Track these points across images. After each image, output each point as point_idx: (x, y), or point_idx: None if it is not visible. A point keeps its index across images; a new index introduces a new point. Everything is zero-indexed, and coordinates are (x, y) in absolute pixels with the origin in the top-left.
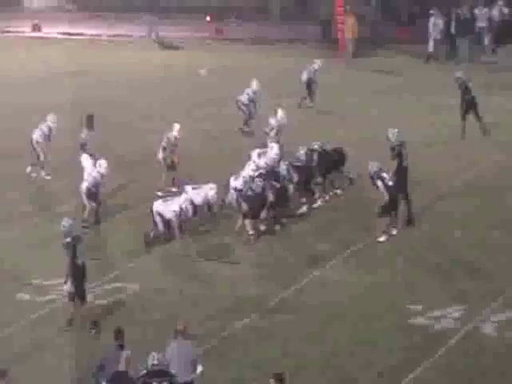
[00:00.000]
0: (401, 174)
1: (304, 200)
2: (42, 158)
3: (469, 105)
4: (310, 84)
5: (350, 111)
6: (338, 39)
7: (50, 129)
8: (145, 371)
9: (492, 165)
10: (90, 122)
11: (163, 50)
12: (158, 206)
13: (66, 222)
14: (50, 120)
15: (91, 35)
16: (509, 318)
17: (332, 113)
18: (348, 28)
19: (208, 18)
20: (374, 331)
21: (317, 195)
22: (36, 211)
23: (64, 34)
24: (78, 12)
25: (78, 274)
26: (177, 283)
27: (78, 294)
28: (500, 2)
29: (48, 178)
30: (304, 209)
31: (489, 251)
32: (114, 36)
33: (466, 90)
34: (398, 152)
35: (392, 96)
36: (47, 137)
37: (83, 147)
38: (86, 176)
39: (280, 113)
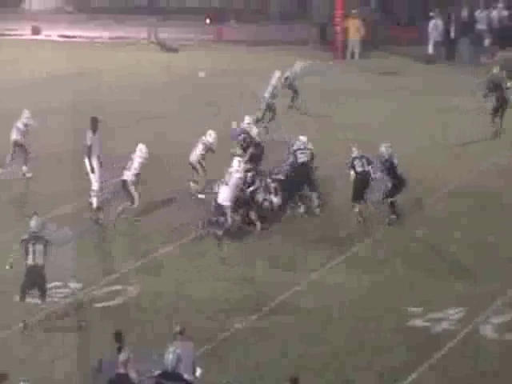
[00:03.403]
0: (396, 182)
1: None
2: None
3: (501, 103)
4: (292, 85)
5: (349, 112)
6: (337, 41)
7: (25, 125)
8: (159, 371)
9: (492, 166)
10: (94, 124)
11: (163, 51)
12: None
13: (33, 220)
14: (25, 116)
15: (91, 37)
16: (508, 319)
17: (331, 114)
18: (354, 30)
19: (208, 21)
20: (374, 333)
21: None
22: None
23: (64, 36)
24: (78, 14)
25: (27, 274)
26: (176, 285)
27: (20, 295)
28: (500, 5)
29: (29, 175)
30: (302, 209)
31: (488, 252)
32: (113, 38)
33: (497, 87)
34: (387, 168)
35: (392, 97)
36: (23, 133)
37: (88, 150)
38: (94, 178)
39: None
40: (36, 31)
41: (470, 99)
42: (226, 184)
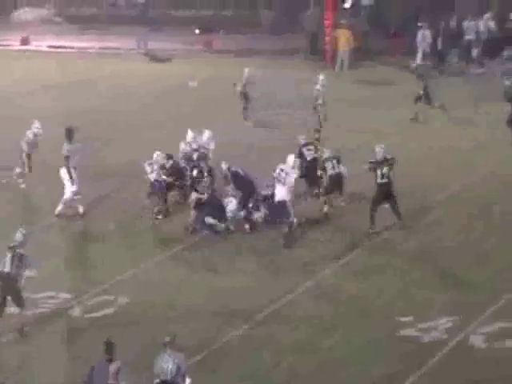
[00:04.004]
0: (377, 189)
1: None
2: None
3: None
4: (245, 94)
5: (341, 122)
6: (326, 51)
7: (35, 135)
8: (158, 381)
9: (482, 175)
10: (69, 135)
11: (153, 62)
12: None
13: (18, 233)
14: (35, 126)
15: (80, 48)
16: (498, 329)
17: (325, 122)
18: (344, 40)
19: (197, 31)
20: (366, 342)
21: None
22: (28, 222)
23: (53, 47)
24: (67, 24)
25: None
26: (167, 295)
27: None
28: (487, 16)
29: (23, 186)
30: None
31: (479, 262)
32: (103, 48)
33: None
34: (372, 170)
35: (381, 107)
36: (33, 142)
37: (67, 160)
38: (67, 189)
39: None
40: (25, 42)
41: (463, 108)
42: (283, 184)
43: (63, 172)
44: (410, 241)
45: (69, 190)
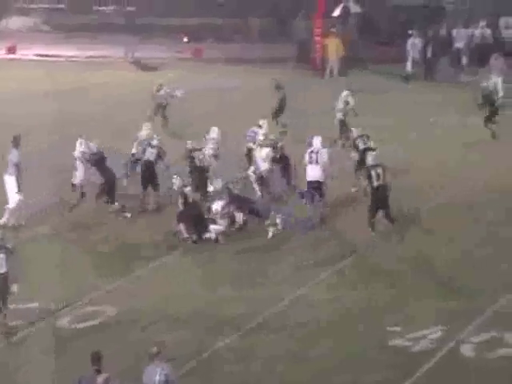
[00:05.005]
0: (372, 194)
1: None
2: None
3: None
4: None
5: (329, 130)
6: (315, 59)
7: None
8: None
9: (476, 182)
10: (17, 142)
11: (140, 70)
12: None
13: None
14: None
15: (68, 56)
16: (488, 338)
17: (313, 131)
18: (332, 48)
19: (185, 39)
20: (356, 351)
21: None
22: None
23: (40, 55)
24: (54, 33)
25: None
26: (155, 305)
27: None
28: (481, 24)
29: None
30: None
31: (471, 269)
32: (90, 57)
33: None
34: (366, 175)
35: (370, 115)
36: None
37: (16, 167)
38: (15, 195)
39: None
40: (12, 50)
41: (453, 115)
42: (317, 163)
43: (10, 180)
44: (403, 248)
45: (15, 198)
